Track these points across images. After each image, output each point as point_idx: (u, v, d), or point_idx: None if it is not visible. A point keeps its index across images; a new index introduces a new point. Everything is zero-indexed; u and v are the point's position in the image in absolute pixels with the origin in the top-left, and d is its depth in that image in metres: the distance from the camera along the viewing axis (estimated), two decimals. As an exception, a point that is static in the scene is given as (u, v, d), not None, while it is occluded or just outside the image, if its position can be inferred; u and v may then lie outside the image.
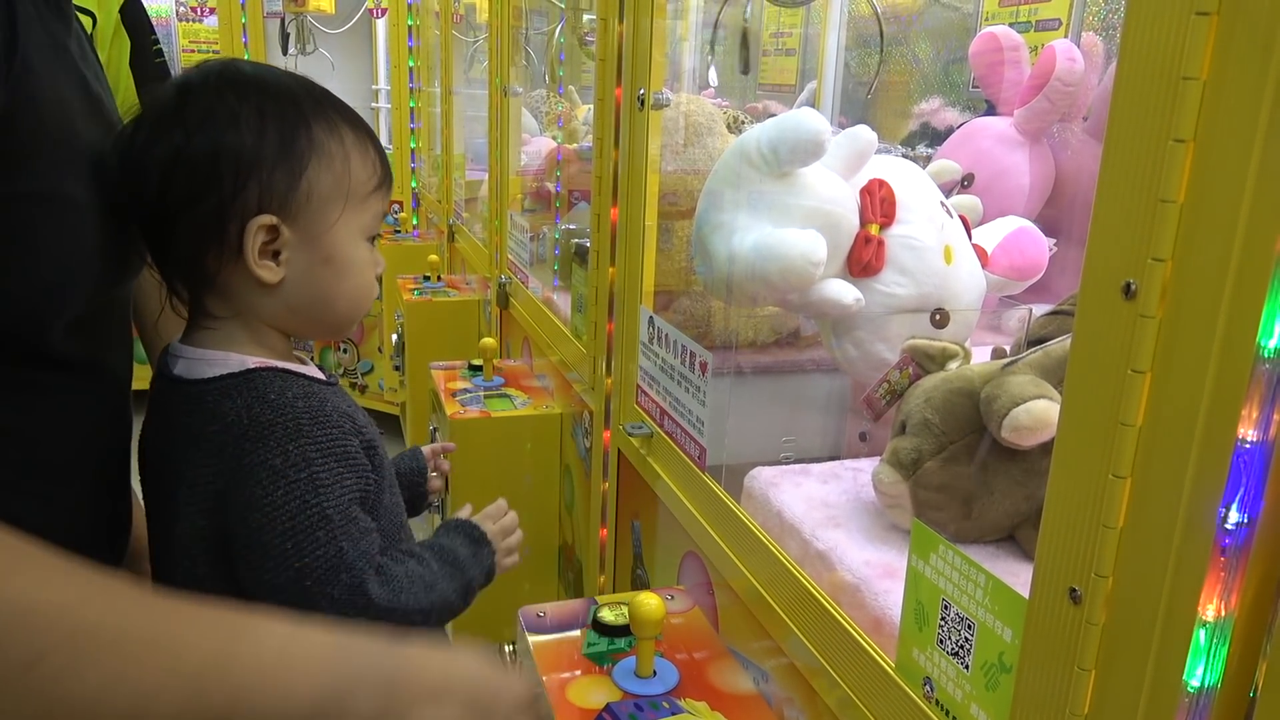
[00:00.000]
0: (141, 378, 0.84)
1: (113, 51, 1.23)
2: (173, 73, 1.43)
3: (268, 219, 0.75)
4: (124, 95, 1.20)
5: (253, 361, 0.78)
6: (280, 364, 0.79)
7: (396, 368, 2.93)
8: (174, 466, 0.77)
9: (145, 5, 1.39)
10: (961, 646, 0.68)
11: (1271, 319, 0.44)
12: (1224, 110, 0.45)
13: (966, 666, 0.68)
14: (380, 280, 0.85)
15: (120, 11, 1.33)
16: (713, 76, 2.07)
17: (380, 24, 3.97)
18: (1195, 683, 0.50)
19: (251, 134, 0.74)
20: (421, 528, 0.98)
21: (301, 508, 0.72)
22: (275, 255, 0.77)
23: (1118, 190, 0.51)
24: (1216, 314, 0.46)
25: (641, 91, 1.27)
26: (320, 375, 0.83)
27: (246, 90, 0.76)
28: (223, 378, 0.77)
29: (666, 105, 1.29)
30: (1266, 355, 0.45)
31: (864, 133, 1.17)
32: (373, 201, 0.81)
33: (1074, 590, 0.55)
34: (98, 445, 0.80)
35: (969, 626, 0.68)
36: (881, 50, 1.85)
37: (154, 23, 1.44)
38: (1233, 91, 0.45)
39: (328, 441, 0.75)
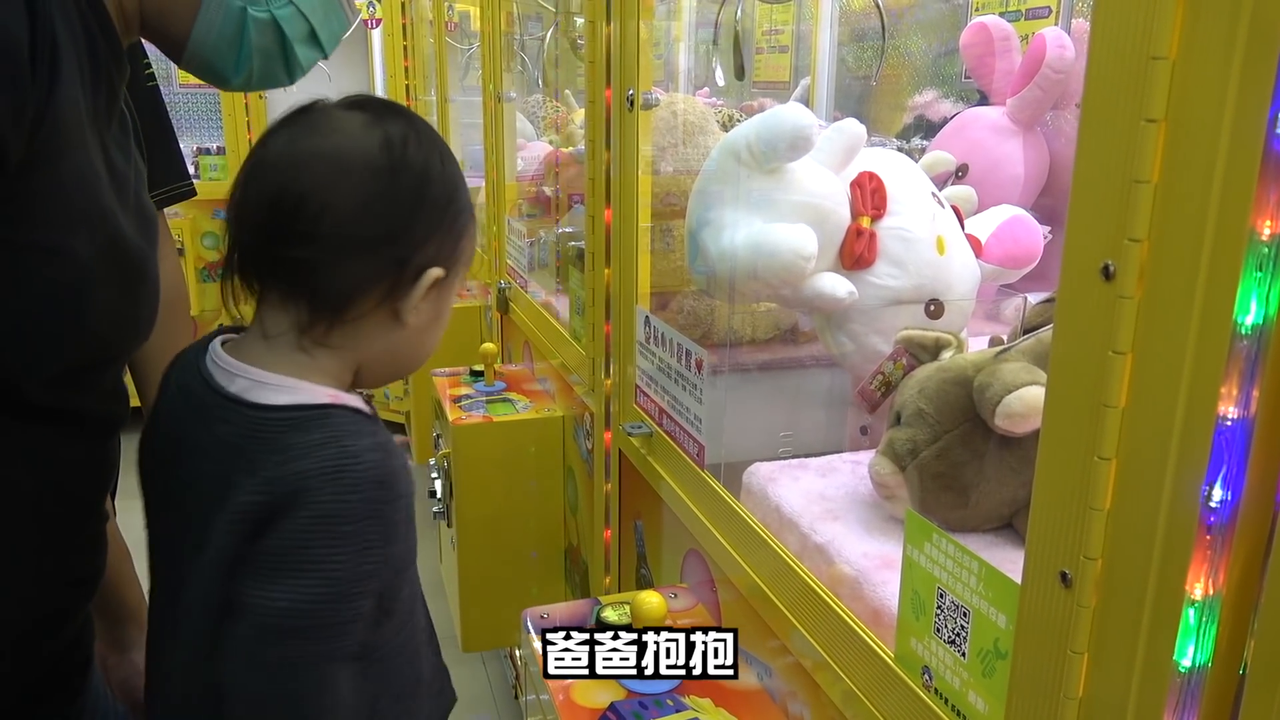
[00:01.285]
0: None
1: None
2: (164, 97, 1.44)
3: (439, 273, 0.76)
4: None
5: (325, 395, 0.75)
6: (351, 401, 0.76)
7: (400, 376, 2.93)
8: (208, 488, 0.73)
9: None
10: (958, 634, 0.68)
11: (1247, 295, 0.44)
12: (1193, 89, 0.45)
13: (963, 654, 0.68)
14: None
15: None
16: (718, 75, 2.08)
17: (375, 34, 3.99)
18: (1186, 662, 0.50)
19: (443, 188, 0.75)
20: (429, 534, 0.99)
21: (324, 557, 0.69)
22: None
23: (1094, 172, 0.51)
24: (1193, 292, 0.46)
25: (630, 92, 1.27)
26: (368, 408, 0.79)
27: (433, 139, 0.76)
28: (294, 408, 0.73)
29: (655, 105, 1.29)
30: (1244, 332, 0.45)
31: (853, 126, 1.17)
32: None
33: (1064, 574, 0.55)
34: (72, 497, 0.79)
35: (964, 614, 0.68)
36: (884, 38, 1.85)
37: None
38: (1201, 70, 0.45)
39: (388, 502, 0.72)
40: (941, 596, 0.70)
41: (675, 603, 1.17)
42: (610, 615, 1.10)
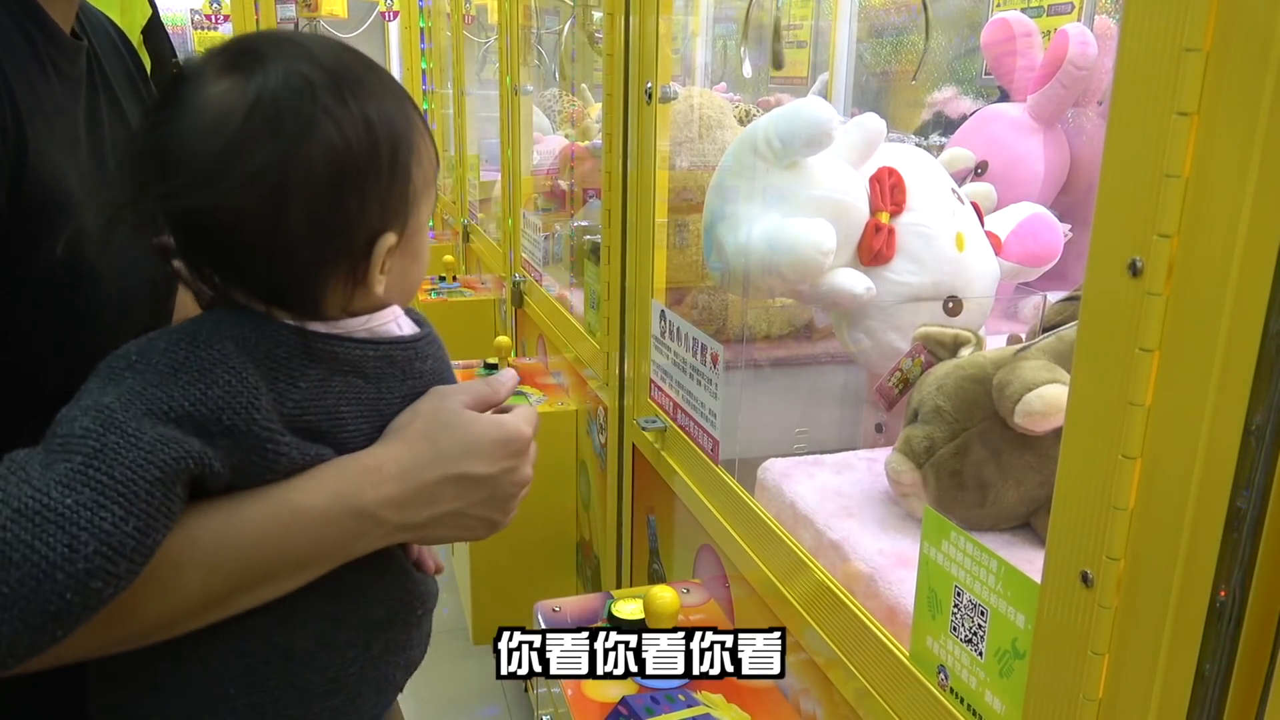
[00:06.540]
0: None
1: None
2: None
3: (392, 238, 0.64)
4: None
5: None
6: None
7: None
8: None
9: (165, 24, 1.42)
10: (975, 633, 0.68)
11: (1280, 293, 0.44)
12: (1227, 82, 0.45)
13: (980, 654, 0.67)
14: None
15: (143, 32, 1.35)
16: (746, 68, 2.06)
17: (393, 27, 4.00)
18: (1209, 665, 0.49)
19: (359, 138, 0.61)
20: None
21: None
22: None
23: (1122, 166, 0.50)
24: (1224, 289, 0.45)
25: (649, 85, 1.27)
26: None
27: (346, 82, 0.61)
28: None
29: (674, 99, 1.28)
30: (1276, 330, 0.44)
31: (873, 121, 1.16)
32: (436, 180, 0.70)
33: (1086, 574, 0.54)
34: None
35: (982, 613, 0.67)
36: (926, 37, 1.81)
37: (169, 31, 1.46)
38: (1236, 62, 0.44)
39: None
40: (959, 595, 0.69)
41: (688, 598, 1.16)
42: (622, 610, 1.09)
